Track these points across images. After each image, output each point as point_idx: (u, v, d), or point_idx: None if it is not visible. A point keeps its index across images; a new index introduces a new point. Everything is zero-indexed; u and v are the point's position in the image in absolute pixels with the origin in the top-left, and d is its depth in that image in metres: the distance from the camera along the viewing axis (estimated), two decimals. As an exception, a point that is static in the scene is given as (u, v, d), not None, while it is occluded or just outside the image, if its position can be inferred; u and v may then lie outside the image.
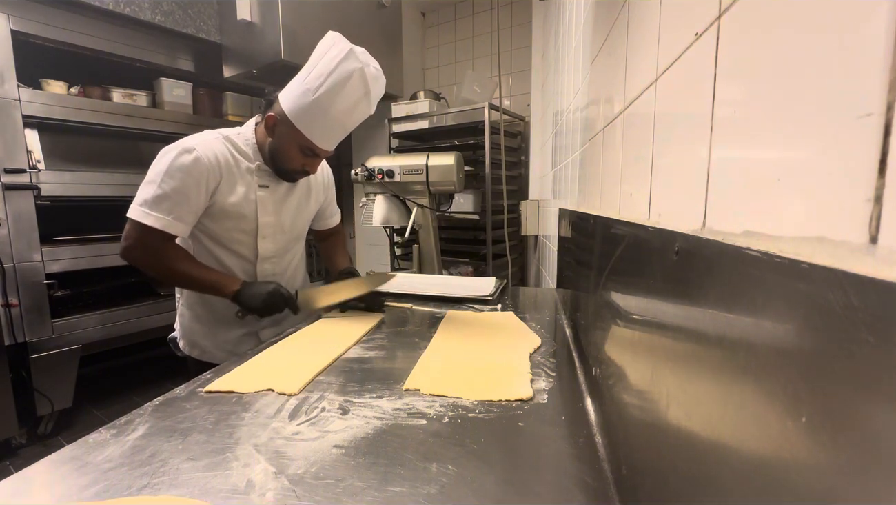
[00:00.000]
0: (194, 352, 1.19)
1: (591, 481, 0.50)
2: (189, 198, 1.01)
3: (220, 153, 1.05)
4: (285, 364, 0.83)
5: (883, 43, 0.17)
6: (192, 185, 1.00)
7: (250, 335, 1.17)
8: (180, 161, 0.99)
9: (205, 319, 1.17)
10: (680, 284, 0.36)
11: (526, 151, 2.93)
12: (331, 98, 0.98)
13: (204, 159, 1.01)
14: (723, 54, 0.32)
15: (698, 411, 0.31)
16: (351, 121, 1.05)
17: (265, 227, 1.13)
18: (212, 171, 1.03)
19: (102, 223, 2.33)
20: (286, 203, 1.17)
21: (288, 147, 1.06)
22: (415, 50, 3.37)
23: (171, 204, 0.99)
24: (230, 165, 1.07)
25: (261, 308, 1.04)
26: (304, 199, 1.23)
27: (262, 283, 1.07)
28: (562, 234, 1.41)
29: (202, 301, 1.16)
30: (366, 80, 0.99)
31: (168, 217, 0.99)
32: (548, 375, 0.78)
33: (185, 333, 1.20)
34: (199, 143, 1.02)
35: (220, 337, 1.17)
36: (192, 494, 0.47)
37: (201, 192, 1.02)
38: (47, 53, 2.08)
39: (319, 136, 1.03)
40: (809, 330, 0.20)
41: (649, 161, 0.49)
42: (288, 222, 1.18)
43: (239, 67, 2.37)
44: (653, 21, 0.49)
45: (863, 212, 0.17)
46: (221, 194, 1.06)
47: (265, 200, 1.12)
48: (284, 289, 1.07)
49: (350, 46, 0.99)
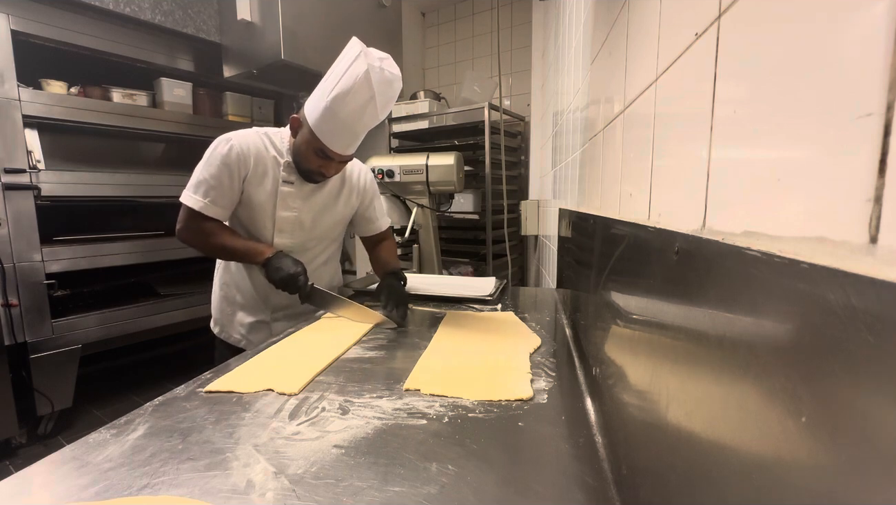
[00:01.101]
0: (215, 329, 1.28)
1: (591, 481, 0.50)
2: (223, 184, 1.09)
3: (253, 145, 1.12)
4: (285, 364, 0.83)
5: (883, 43, 0.17)
6: (226, 173, 1.09)
7: (263, 323, 1.24)
8: (218, 150, 1.09)
9: (231, 299, 1.25)
10: (680, 284, 0.36)
11: (526, 151, 2.93)
12: (340, 100, 0.99)
13: (237, 148, 1.09)
14: (723, 54, 0.32)
15: (698, 411, 0.31)
16: (360, 125, 1.05)
17: (282, 222, 1.17)
18: (243, 161, 1.10)
19: (102, 223, 2.34)
20: (310, 201, 1.20)
21: (305, 148, 1.09)
22: (415, 50, 3.37)
23: (207, 188, 1.09)
24: (262, 158, 1.13)
25: (277, 282, 1.08)
26: (333, 200, 1.25)
27: (293, 261, 1.10)
28: (562, 235, 1.41)
29: (232, 282, 1.24)
30: (371, 84, 0.98)
31: (205, 200, 1.09)
32: (548, 374, 0.78)
33: (214, 310, 1.29)
34: (237, 135, 1.12)
35: (237, 319, 1.24)
36: (192, 494, 0.47)
37: (234, 179, 1.10)
38: (47, 53, 2.08)
39: (330, 138, 1.05)
40: (809, 330, 0.20)
41: (649, 161, 0.49)
42: (309, 220, 1.21)
43: (239, 67, 2.36)
44: (653, 21, 0.49)
45: (863, 212, 0.17)
46: (250, 184, 1.13)
47: (287, 196, 1.16)
48: (305, 277, 1.09)
49: (361, 49, 0.99)
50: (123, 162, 2.41)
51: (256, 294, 1.23)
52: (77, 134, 2.20)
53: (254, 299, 1.23)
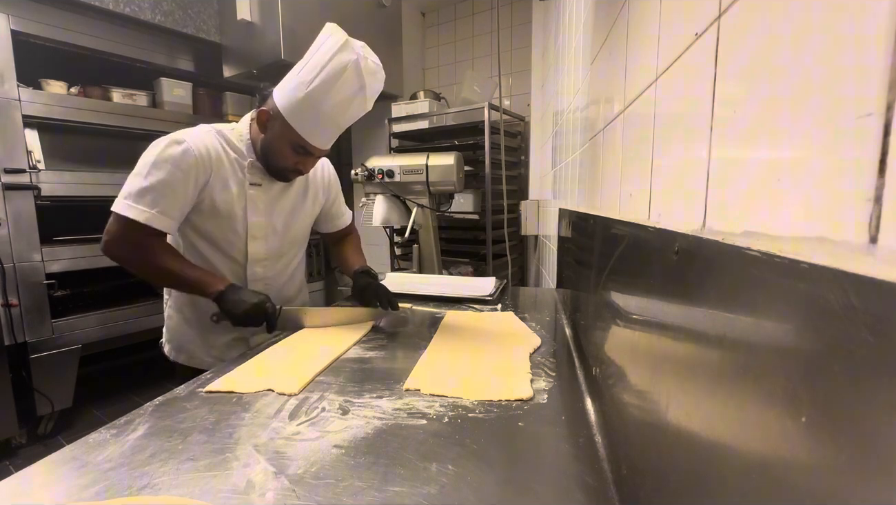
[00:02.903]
0: (181, 357, 1.12)
1: (591, 481, 0.50)
2: (176, 191, 0.95)
3: (211, 147, 1.00)
4: (285, 364, 0.83)
5: (883, 43, 0.17)
6: (180, 178, 0.95)
7: (240, 340, 1.11)
8: (168, 152, 0.94)
9: (193, 323, 1.10)
10: (680, 284, 0.36)
11: (526, 151, 2.93)
12: (324, 92, 0.92)
13: (194, 150, 0.96)
14: (723, 54, 0.32)
15: (698, 411, 0.31)
16: (345, 118, 0.99)
17: (255, 228, 1.07)
18: (201, 165, 0.97)
19: (103, 223, 2.30)
20: (279, 203, 1.11)
21: (280, 144, 1.00)
22: (415, 50, 3.37)
23: (156, 196, 0.93)
24: (221, 160, 1.01)
25: (240, 317, 0.95)
26: (301, 200, 1.17)
27: (251, 292, 0.99)
28: (562, 235, 1.41)
29: (191, 303, 1.09)
30: (361, 74, 0.92)
31: (152, 210, 0.93)
32: (548, 375, 0.78)
33: (171, 336, 1.14)
34: (189, 135, 0.98)
35: (209, 342, 1.10)
36: (192, 494, 0.47)
37: (189, 185, 0.96)
38: (47, 53, 2.08)
39: (312, 132, 0.97)
40: (809, 330, 0.20)
41: (649, 161, 0.49)
42: (281, 224, 1.12)
43: (239, 67, 2.37)
44: (653, 21, 0.49)
45: (863, 212, 0.17)
46: (211, 190, 1.00)
47: (256, 199, 1.06)
48: (271, 303, 0.99)
49: (345, 38, 0.93)
50: (124, 162, 2.38)
51: None
52: (77, 134, 2.20)
53: None
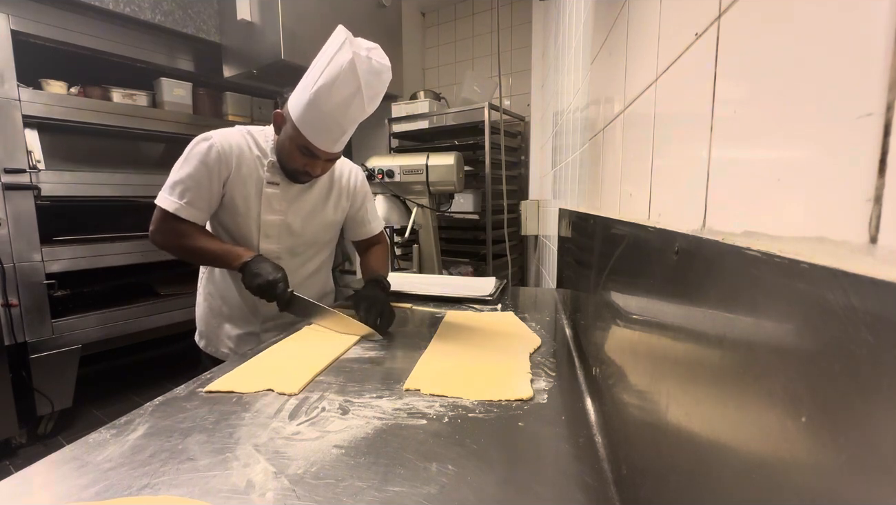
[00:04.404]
0: (201, 342, 1.22)
1: (591, 481, 0.50)
2: (200, 184, 1.03)
3: (235, 144, 1.06)
4: (285, 364, 0.83)
5: (883, 43, 0.17)
6: (205, 173, 1.03)
7: (251, 335, 1.17)
8: (197, 148, 1.03)
9: (217, 311, 1.18)
10: (680, 284, 0.36)
11: (526, 151, 2.93)
12: (324, 93, 0.93)
13: (217, 147, 1.03)
14: (723, 54, 0.32)
15: (698, 411, 0.31)
16: (347, 119, 0.98)
17: (268, 226, 1.11)
18: (223, 160, 1.04)
19: (102, 223, 2.33)
20: (296, 204, 1.14)
21: (289, 146, 1.02)
22: (415, 50, 3.37)
23: (184, 189, 1.03)
24: (244, 158, 1.07)
25: (252, 287, 1.01)
26: (322, 202, 1.18)
27: (272, 266, 1.03)
28: (562, 235, 1.41)
29: (217, 293, 1.18)
30: (356, 73, 0.91)
31: (180, 201, 1.03)
32: (548, 375, 0.78)
33: (199, 322, 1.23)
34: (218, 133, 1.06)
35: (225, 332, 1.17)
36: (192, 494, 0.47)
37: (213, 179, 1.04)
38: (47, 53, 2.08)
39: (314, 134, 0.98)
40: (809, 330, 0.20)
41: (649, 161, 0.49)
42: (297, 224, 1.14)
43: (239, 67, 2.36)
44: (653, 21, 0.49)
45: (863, 212, 0.17)
46: (232, 186, 1.07)
47: (272, 198, 1.10)
48: (284, 283, 1.02)
49: (346, 37, 0.92)
50: (123, 162, 2.41)
51: (244, 304, 1.15)
52: (77, 134, 2.20)
53: (241, 310, 1.16)
